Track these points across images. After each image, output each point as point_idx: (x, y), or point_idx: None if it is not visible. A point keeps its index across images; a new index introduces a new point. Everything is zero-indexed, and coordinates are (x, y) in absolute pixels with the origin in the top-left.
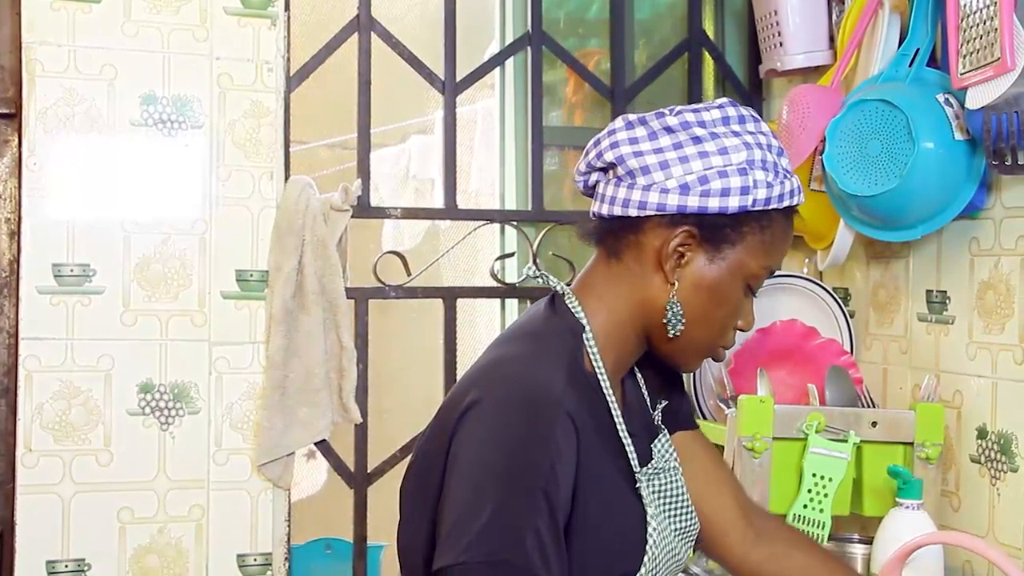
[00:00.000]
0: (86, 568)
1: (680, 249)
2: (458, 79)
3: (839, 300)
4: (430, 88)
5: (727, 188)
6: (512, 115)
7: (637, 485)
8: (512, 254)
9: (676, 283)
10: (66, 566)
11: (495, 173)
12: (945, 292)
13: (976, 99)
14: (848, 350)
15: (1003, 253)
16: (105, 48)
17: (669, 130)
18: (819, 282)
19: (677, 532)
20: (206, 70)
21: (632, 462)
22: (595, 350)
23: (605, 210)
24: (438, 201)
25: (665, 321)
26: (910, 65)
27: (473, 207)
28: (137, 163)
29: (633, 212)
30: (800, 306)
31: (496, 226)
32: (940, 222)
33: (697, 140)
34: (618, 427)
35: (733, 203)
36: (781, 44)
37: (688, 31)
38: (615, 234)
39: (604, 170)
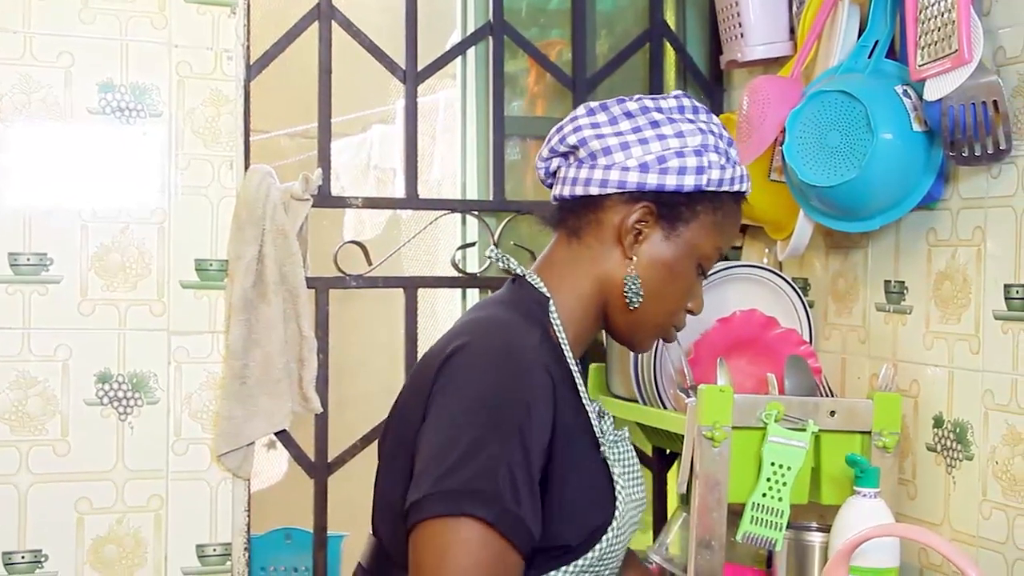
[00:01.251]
0: (43, 559)
1: (638, 226)
2: (419, 68)
3: (798, 290)
4: (391, 77)
5: (684, 167)
6: (474, 105)
7: (601, 448)
8: (473, 244)
9: (634, 258)
10: (23, 557)
11: (456, 163)
12: (903, 282)
13: (934, 91)
14: (807, 340)
15: (960, 244)
16: (62, 35)
17: (629, 115)
18: (779, 272)
19: (635, 503)
20: (165, 58)
21: (595, 428)
22: (558, 322)
23: (567, 191)
24: (399, 191)
25: (625, 293)
26: (869, 56)
27: (434, 197)
28: (95, 151)
29: (595, 190)
30: (760, 296)
31: (457, 216)
32: (898, 213)
33: (655, 124)
34: (581, 395)
35: (689, 181)
36: (742, 35)
37: (649, 22)
38: (576, 214)
39: (566, 155)
